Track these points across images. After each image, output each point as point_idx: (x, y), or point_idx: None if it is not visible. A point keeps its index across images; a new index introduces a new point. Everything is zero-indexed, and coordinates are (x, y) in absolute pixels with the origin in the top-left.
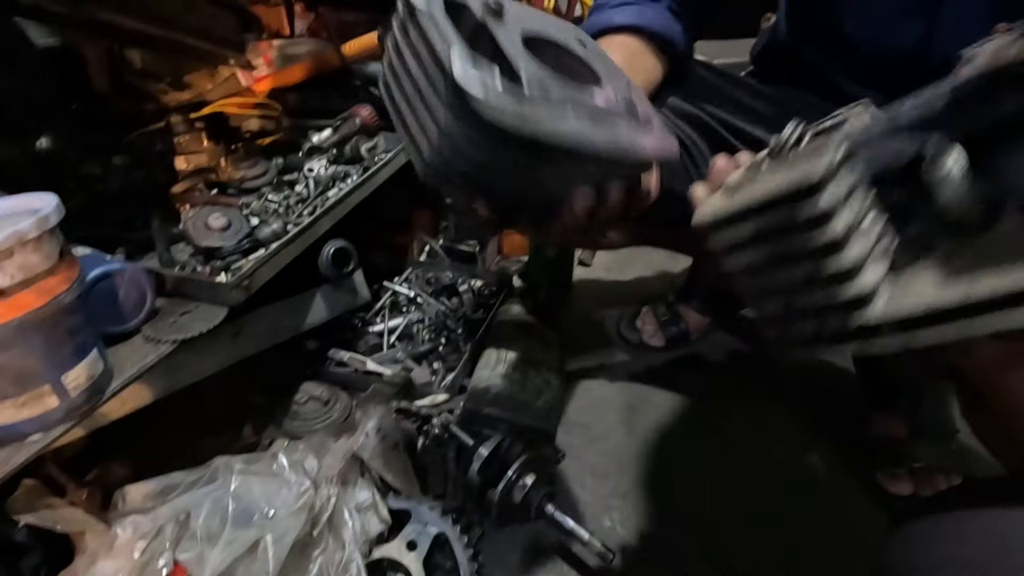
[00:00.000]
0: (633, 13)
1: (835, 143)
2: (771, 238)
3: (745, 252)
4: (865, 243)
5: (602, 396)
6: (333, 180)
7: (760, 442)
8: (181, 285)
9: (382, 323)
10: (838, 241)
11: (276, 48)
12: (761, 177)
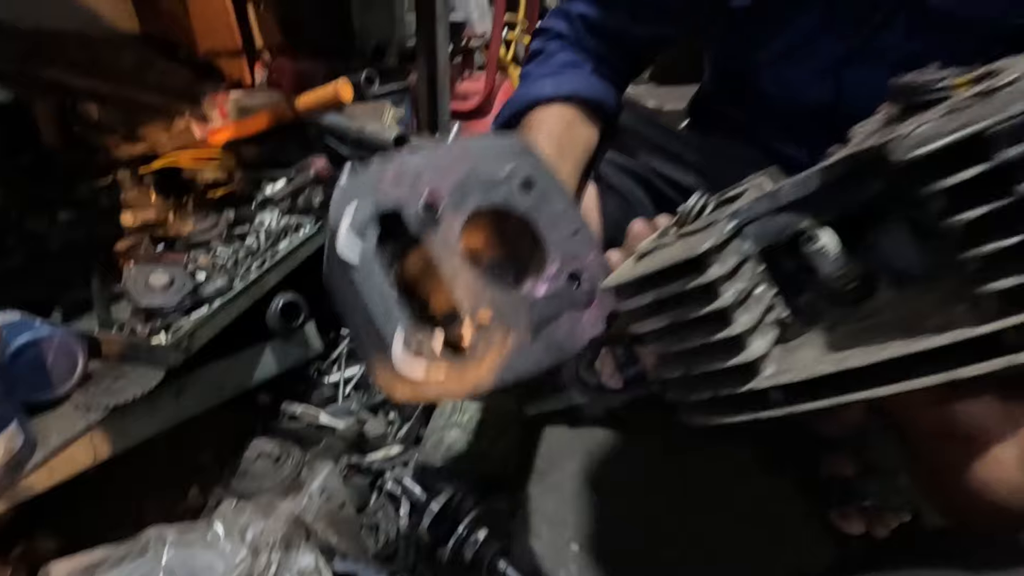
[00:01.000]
0: (561, 83)
1: (724, 220)
2: (668, 307)
3: (648, 319)
4: (752, 314)
5: (560, 441)
6: (285, 232)
7: (717, 482)
8: (117, 348)
9: (338, 373)
10: (725, 312)
11: (232, 100)
12: (663, 248)
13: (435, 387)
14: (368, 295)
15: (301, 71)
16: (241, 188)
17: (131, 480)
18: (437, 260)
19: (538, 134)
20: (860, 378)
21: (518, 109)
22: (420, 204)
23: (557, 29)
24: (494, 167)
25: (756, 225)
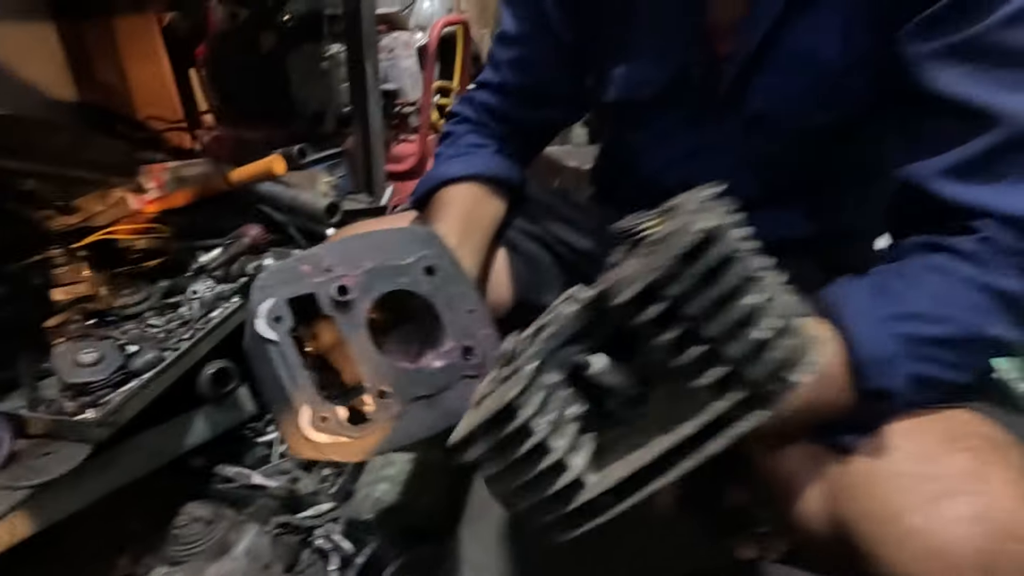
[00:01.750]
0: (468, 164)
1: (525, 361)
2: (495, 452)
3: (486, 465)
4: (567, 437)
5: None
6: (218, 300)
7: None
8: (43, 426)
9: (272, 433)
10: (542, 445)
11: (168, 171)
12: (487, 396)
13: (336, 451)
14: (282, 371)
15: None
16: (175, 258)
17: (60, 553)
18: (345, 339)
19: (448, 210)
20: (649, 472)
21: (431, 187)
22: (333, 290)
23: (464, 114)
24: (400, 255)
25: (551, 359)
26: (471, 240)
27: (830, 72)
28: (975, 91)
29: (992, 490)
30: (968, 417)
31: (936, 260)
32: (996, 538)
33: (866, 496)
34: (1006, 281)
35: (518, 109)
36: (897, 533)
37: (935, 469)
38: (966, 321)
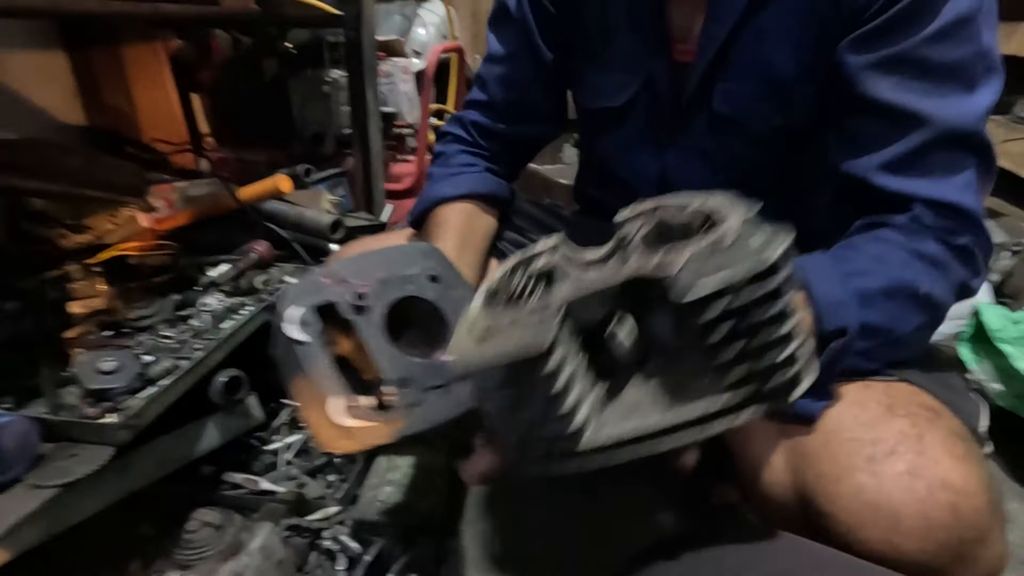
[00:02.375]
0: (459, 183)
1: (554, 311)
2: (511, 387)
3: (492, 395)
4: (581, 387)
5: (488, 492)
6: (228, 312)
7: (630, 525)
8: (68, 429)
9: (279, 441)
10: (561, 393)
11: (177, 190)
12: (499, 330)
13: (367, 435)
14: (313, 369)
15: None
16: (185, 273)
17: (73, 557)
18: (364, 340)
19: (445, 228)
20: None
21: (426, 207)
22: (351, 297)
23: (455, 133)
24: (406, 267)
25: (575, 311)
26: (467, 254)
27: (783, 79)
28: (904, 97)
29: (926, 449)
30: (907, 389)
31: (876, 233)
32: (930, 488)
33: (821, 460)
34: (929, 246)
35: (505, 124)
36: (846, 490)
37: (878, 433)
38: (900, 276)
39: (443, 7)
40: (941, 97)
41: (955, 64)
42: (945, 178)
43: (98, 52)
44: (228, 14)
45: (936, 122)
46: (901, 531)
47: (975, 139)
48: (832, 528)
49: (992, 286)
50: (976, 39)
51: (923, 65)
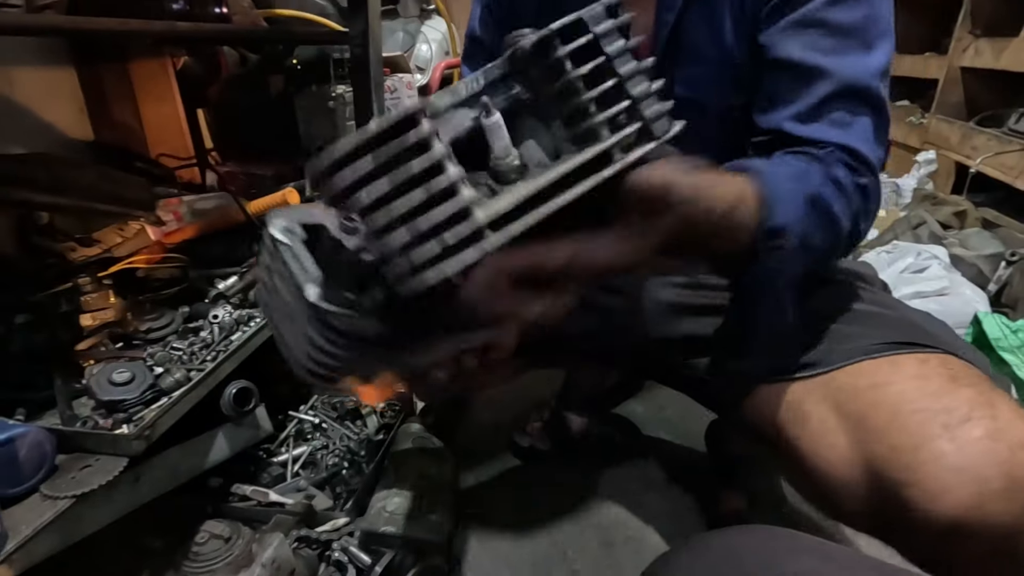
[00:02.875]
0: None
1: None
2: (387, 167)
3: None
4: (459, 170)
5: (495, 502)
6: (237, 324)
7: (637, 530)
8: (82, 440)
9: (287, 453)
10: (440, 164)
11: (185, 204)
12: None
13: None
14: (294, 266)
15: (250, 173)
16: (194, 285)
17: (82, 570)
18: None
19: None
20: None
21: None
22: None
23: None
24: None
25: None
26: None
27: (735, 61)
28: (810, 55)
29: (1000, 414)
30: (962, 363)
31: (796, 157)
32: (1012, 449)
33: (892, 433)
34: (840, 173)
35: None
36: (927, 457)
37: (947, 402)
38: (820, 192)
39: (445, 24)
40: (842, 55)
41: (852, 25)
42: (848, 127)
43: (107, 69)
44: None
45: (837, 76)
46: (987, 493)
47: (872, 93)
48: (914, 498)
49: (989, 296)
50: (870, 3)
51: (825, 25)
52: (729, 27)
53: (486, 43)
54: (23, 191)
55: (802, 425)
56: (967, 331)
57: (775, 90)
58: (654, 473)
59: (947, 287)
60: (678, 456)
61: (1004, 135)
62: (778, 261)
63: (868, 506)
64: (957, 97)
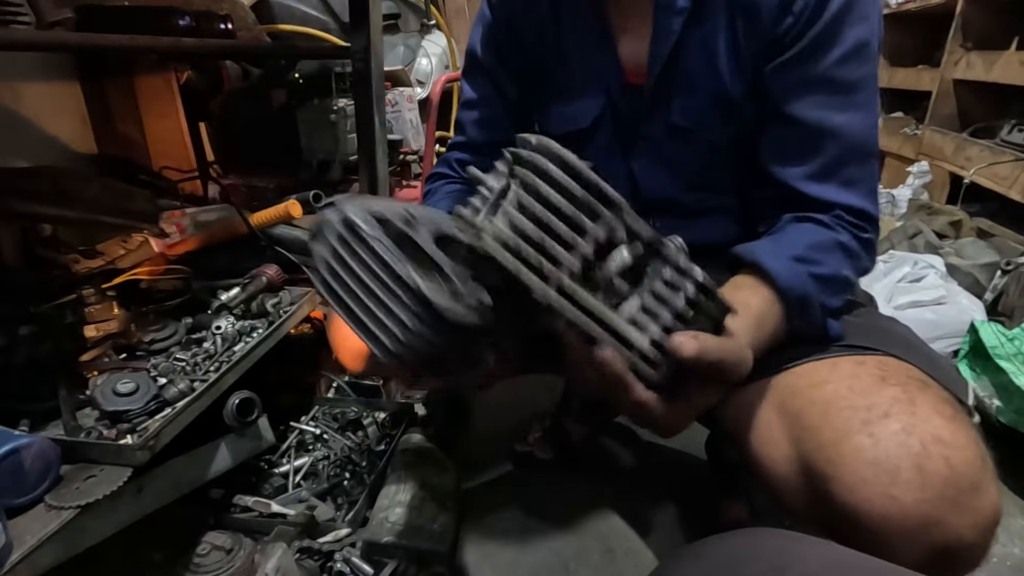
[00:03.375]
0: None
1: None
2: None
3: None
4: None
5: (496, 512)
6: (240, 335)
7: (638, 540)
8: (87, 450)
9: (288, 463)
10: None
11: (188, 216)
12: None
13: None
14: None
15: (252, 186)
16: (197, 297)
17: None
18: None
19: None
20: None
21: None
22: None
23: (442, 172)
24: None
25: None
26: None
27: (730, 95)
28: (823, 115)
29: (918, 411)
30: (898, 363)
31: (805, 226)
32: (924, 443)
33: (821, 430)
34: (849, 242)
35: (484, 160)
36: (847, 451)
37: (872, 399)
38: (831, 263)
39: (445, 39)
40: (851, 112)
41: (858, 81)
42: (855, 186)
43: (112, 83)
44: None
45: (848, 136)
46: (899, 484)
47: (873, 147)
48: (834, 490)
49: (985, 305)
50: (873, 60)
51: (835, 83)
52: (724, 63)
53: (485, 64)
54: (30, 204)
55: (752, 426)
56: (964, 339)
57: (786, 146)
58: (655, 482)
59: (944, 296)
60: (679, 465)
61: (997, 146)
62: (803, 327)
63: (806, 502)
64: (950, 109)
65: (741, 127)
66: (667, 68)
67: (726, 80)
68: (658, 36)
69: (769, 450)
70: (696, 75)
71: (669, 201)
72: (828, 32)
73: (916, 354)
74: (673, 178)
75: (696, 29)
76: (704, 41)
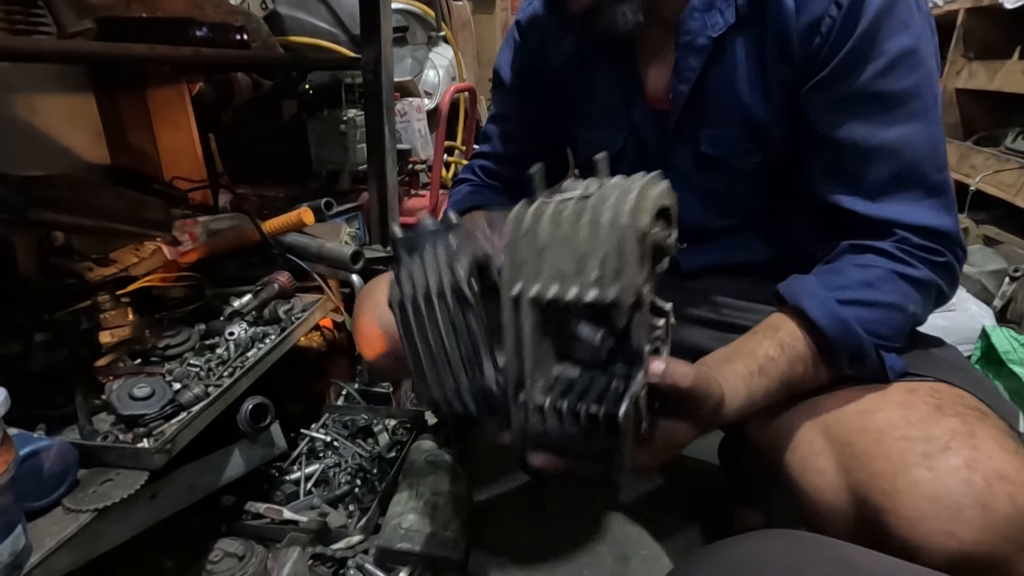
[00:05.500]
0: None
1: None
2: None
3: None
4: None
5: (509, 518)
6: (253, 341)
7: (652, 546)
8: (103, 454)
9: (299, 471)
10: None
11: (201, 224)
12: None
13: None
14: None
15: (263, 195)
16: (210, 303)
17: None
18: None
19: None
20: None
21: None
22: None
23: (466, 177)
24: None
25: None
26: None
27: (759, 122)
28: (865, 132)
29: (979, 444)
30: (952, 391)
31: (863, 259)
32: (988, 480)
33: (874, 459)
34: (915, 271)
35: (507, 171)
36: (904, 485)
37: (930, 431)
38: (890, 303)
39: (452, 52)
40: (903, 125)
41: (907, 91)
42: (920, 202)
43: (125, 96)
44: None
45: (902, 151)
46: (962, 522)
47: (939, 159)
48: (891, 524)
49: (994, 311)
50: (924, 67)
51: (879, 99)
52: (756, 93)
53: (510, 85)
54: (49, 212)
55: (793, 449)
56: (976, 346)
57: (835, 170)
58: (669, 489)
59: (953, 303)
60: (693, 471)
61: (1002, 154)
62: (858, 371)
63: (854, 530)
64: (954, 118)
65: (772, 152)
66: (691, 102)
67: (753, 109)
68: (679, 73)
69: (814, 477)
70: (722, 105)
71: (698, 226)
72: (862, 47)
73: (966, 379)
74: (703, 206)
75: (719, 65)
76: (728, 72)
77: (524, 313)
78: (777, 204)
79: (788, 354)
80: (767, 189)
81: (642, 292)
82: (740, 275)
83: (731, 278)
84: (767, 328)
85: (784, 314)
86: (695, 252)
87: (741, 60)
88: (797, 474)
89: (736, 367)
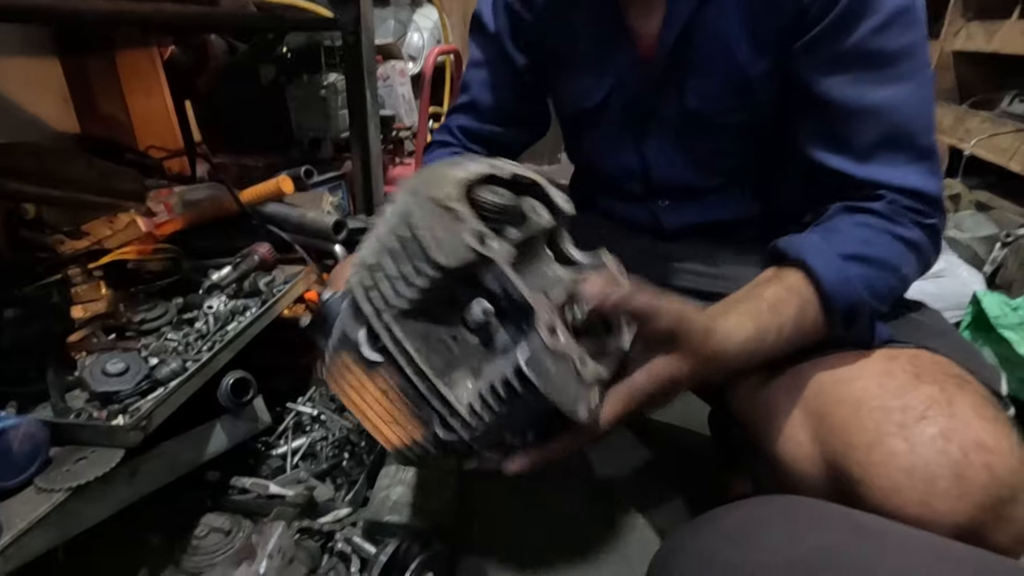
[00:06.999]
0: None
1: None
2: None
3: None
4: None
5: (499, 489)
6: (232, 315)
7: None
8: (77, 432)
9: (285, 445)
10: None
11: (176, 195)
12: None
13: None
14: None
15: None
16: (187, 276)
17: (76, 568)
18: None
19: None
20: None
21: None
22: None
23: (443, 139)
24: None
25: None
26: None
27: (747, 76)
28: (857, 91)
29: (957, 412)
30: (931, 357)
31: (857, 218)
32: (964, 449)
33: (850, 430)
34: (909, 232)
35: (488, 127)
36: (879, 456)
37: (906, 400)
38: (886, 261)
39: (436, 13)
40: (895, 86)
41: (900, 51)
42: (910, 164)
43: (92, 59)
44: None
45: (893, 112)
46: (937, 493)
47: (928, 121)
48: (866, 495)
49: (984, 277)
50: (917, 26)
51: (871, 58)
52: (741, 44)
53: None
54: (13, 182)
55: (771, 419)
56: (966, 311)
57: (825, 130)
58: (661, 459)
59: (943, 269)
60: (684, 442)
61: (997, 117)
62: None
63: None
64: (949, 82)
65: (758, 111)
66: (679, 49)
67: (742, 61)
68: (669, 17)
69: (790, 447)
70: (710, 57)
71: (682, 183)
72: (857, 4)
73: (948, 344)
74: (687, 162)
75: (710, 9)
76: (718, 21)
77: (400, 338)
78: (764, 165)
79: (799, 297)
80: (754, 150)
81: (481, 250)
82: (724, 239)
83: (715, 243)
84: (768, 277)
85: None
86: (678, 210)
87: (732, 10)
88: (775, 443)
89: (741, 306)
